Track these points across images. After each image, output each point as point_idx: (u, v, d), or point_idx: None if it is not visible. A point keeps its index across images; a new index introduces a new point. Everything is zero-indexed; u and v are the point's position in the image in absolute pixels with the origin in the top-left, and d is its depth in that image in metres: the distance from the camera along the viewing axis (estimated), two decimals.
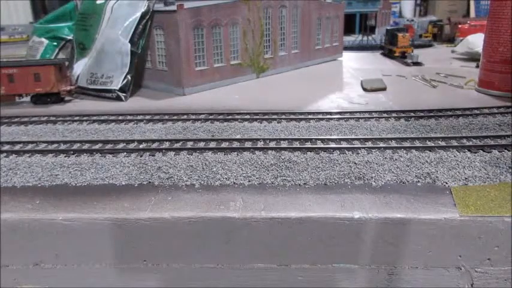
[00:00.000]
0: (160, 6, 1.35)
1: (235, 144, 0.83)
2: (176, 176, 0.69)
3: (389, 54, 2.02)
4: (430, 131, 0.89)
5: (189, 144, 0.84)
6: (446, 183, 0.65)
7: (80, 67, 1.37)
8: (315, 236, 0.58)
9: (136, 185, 0.68)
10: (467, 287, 0.59)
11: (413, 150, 0.78)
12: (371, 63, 1.89)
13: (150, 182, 0.68)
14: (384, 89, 1.31)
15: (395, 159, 0.74)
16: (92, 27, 1.37)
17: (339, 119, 0.99)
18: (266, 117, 1.01)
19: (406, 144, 0.81)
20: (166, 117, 1.04)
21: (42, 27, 1.61)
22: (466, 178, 0.66)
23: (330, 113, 1.04)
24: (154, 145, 0.84)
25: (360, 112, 1.04)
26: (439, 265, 0.58)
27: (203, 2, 1.33)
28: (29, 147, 0.85)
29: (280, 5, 1.59)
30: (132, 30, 1.29)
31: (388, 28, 2.15)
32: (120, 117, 1.04)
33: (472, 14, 3.17)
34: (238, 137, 0.88)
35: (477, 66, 1.68)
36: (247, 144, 0.83)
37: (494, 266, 0.58)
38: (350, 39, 2.52)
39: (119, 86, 1.27)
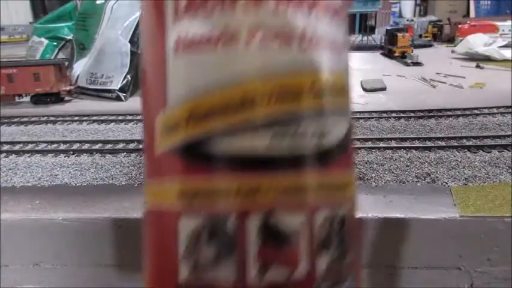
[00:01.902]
0: None
1: None
2: None
3: (389, 54, 2.03)
4: (429, 131, 0.89)
5: None
6: (446, 183, 0.65)
7: (79, 67, 1.37)
8: None
9: (136, 185, 0.67)
10: (467, 287, 0.59)
11: (413, 150, 0.78)
12: (371, 63, 1.89)
13: None
14: (384, 89, 1.31)
15: (395, 159, 0.74)
16: (91, 27, 1.38)
17: None
18: None
19: (406, 144, 0.81)
20: None
21: (42, 27, 1.61)
22: (466, 178, 0.66)
23: None
24: None
25: (359, 112, 1.04)
26: (439, 265, 0.58)
27: None
28: (29, 147, 0.85)
29: None
30: (132, 30, 1.29)
31: (388, 28, 2.16)
32: (120, 117, 1.04)
33: (472, 14, 3.17)
34: None
35: (477, 66, 1.69)
36: None
37: (494, 266, 0.58)
38: (350, 39, 2.51)
39: (119, 86, 1.27)
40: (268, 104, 0.18)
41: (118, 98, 1.26)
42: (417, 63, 1.78)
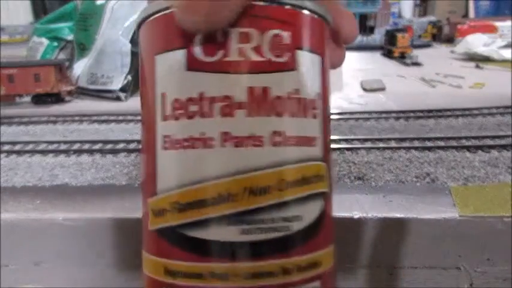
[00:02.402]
0: None
1: None
2: None
3: (388, 54, 2.03)
4: (429, 131, 0.90)
5: None
6: (446, 183, 0.65)
7: (80, 67, 1.37)
8: None
9: (136, 185, 0.68)
10: (467, 287, 0.59)
11: (412, 150, 0.78)
12: (370, 64, 1.89)
13: None
14: (383, 89, 1.32)
15: (395, 159, 0.74)
16: (92, 27, 1.38)
17: (338, 119, 0.99)
18: None
19: (406, 144, 0.81)
20: None
21: (42, 27, 1.61)
22: (465, 178, 0.66)
23: None
24: None
25: (359, 112, 1.04)
26: (438, 265, 0.59)
27: None
28: (29, 147, 0.85)
29: None
30: (133, 30, 1.29)
31: (388, 29, 2.16)
32: (120, 117, 1.04)
33: (471, 14, 3.17)
34: None
35: (476, 67, 1.69)
36: None
37: (493, 266, 0.58)
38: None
39: (119, 86, 1.27)
40: (239, 200, 0.21)
41: (118, 98, 1.26)
42: (416, 64, 1.78)
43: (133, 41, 1.29)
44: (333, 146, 0.81)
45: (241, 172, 0.21)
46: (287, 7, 0.22)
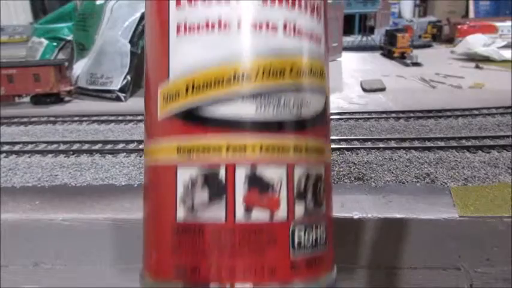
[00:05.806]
0: None
1: None
2: None
3: (388, 54, 2.03)
4: (429, 132, 0.90)
5: None
6: (446, 183, 0.65)
7: (79, 67, 1.37)
8: None
9: (136, 185, 0.68)
10: (467, 287, 0.59)
11: (412, 150, 0.78)
12: (370, 64, 1.89)
13: None
14: (383, 89, 1.32)
15: (395, 160, 0.74)
16: (91, 27, 1.38)
17: (338, 119, 0.99)
18: None
19: (406, 144, 0.81)
20: None
21: (42, 27, 1.61)
22: (465, 178, 0.66)
23: None
24: None
25: (359, 112, 1.04)
26: (438, 265, 0.59)
27: None
28: (29, 147, 0.85)
29: None
30: (132, 30, 1.29)
31: (388, 29, 2.16)
32: (120, 118, 1.04)
33: (471, 14, 3.18)
34: None
35: (476, 67, 1.69)
36: None
37: (493, 267, 0.58)
38: (349, 39, 2.52)
39: (119, 86, 1.27)
40: (255, 79, 0.22)
41: (118, 99, 1.26)
42: (416, 64, 1.78)
43: (133, 41, 1.29)
44: (332, 146, 0.81)
45: (257, 54, 0.22)
46: None
